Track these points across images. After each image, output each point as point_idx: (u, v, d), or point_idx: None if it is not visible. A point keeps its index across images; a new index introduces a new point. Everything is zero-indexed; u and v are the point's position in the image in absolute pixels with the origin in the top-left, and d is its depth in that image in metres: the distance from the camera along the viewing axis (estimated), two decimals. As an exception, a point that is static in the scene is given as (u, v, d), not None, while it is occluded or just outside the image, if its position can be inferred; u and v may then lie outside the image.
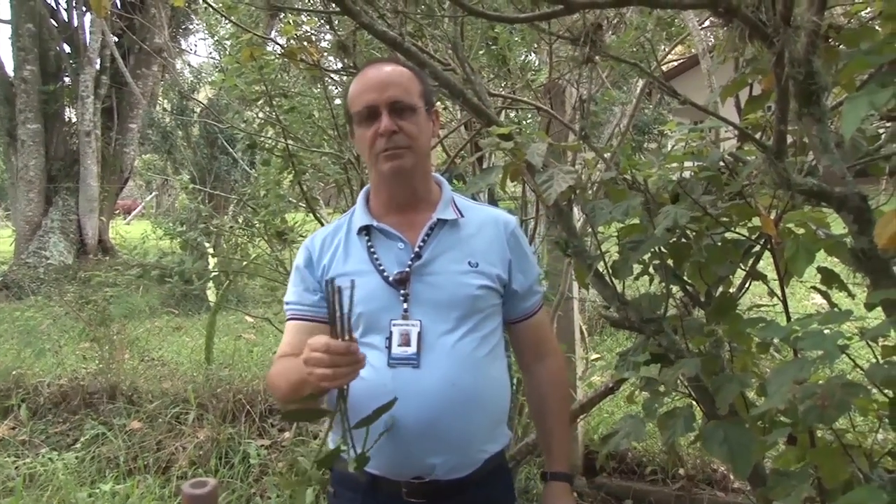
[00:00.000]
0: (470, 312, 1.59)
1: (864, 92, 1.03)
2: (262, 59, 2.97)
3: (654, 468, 3.78)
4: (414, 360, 1.54)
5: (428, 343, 1.55)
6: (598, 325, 5.96)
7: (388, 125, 1.55)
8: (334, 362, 1.32)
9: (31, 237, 11.59)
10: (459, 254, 1.62)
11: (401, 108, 1.57)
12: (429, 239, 1.63)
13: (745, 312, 1.49)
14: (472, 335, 1.58)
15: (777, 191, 1.35)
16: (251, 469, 3.81)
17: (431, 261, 1.61)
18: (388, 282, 1.59)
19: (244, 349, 6.11)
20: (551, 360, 1.78)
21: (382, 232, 1.65)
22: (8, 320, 7.89)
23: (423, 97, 1.62)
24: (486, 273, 1.62)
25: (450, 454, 1.55)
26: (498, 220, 1.72)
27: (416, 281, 1.59)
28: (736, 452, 1.25)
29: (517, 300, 1.71)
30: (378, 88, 1.58)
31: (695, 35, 2.80)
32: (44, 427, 4.46)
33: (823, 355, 1.02)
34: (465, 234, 1.66)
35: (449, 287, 1.59)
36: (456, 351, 1.55)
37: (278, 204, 3.60)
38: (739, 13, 1.17)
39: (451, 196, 1.71)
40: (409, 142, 1.58)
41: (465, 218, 1.68)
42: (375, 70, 1.63)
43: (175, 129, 12.33)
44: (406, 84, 1.60)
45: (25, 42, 11.57)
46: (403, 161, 1.58)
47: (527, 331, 1.76)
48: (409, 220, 1.66)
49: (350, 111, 1.65)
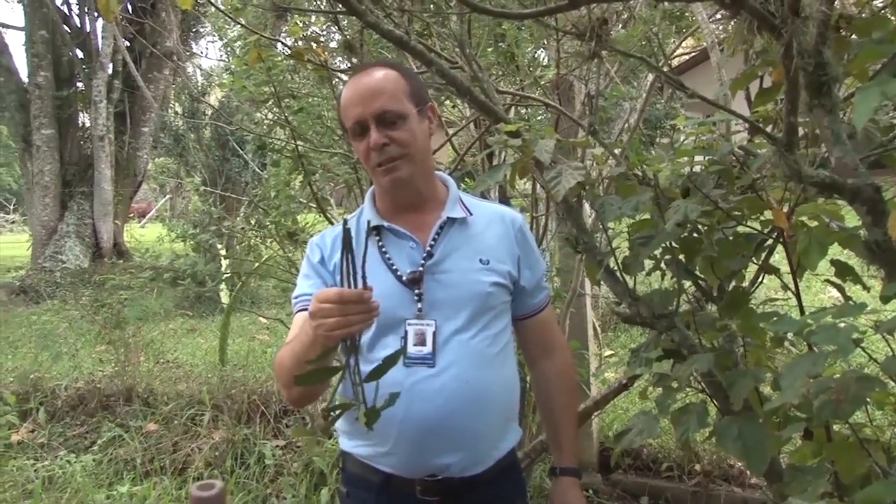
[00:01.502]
0: (482, 310, 1.58)
1: (876, 82, 1.01)
2: (270, 61, 2.97)
3: (670, 464, 3.77)
4: (430, 359, 1.53)
5: (441, 342, 1.54)
6: (612, 321, 5.94)
7: (378, 139, 1.53)
8: (346, 310, 1.25)
9: (48, 241, 11.69)
10: (470, 251, 1.62)
11: (389, 118, 1.54)
12: (439, 238, 1.62)
13: (758, 307, 1.47)
14: (484, 333, 1.58)
15: (789, 183, 1.33)
16: (266, 469, 3.82)
17: (443, 259, 1.60)
18: (401, 281, 1.58)
19: (258, 350, 6.14)
20: (559, 356, 1.79)
21: (393, 232, 1.64)
22: (25, 324, 7.96)
23: (412, 98, 1.59)
24: (497, 270, 1.62)
25: (464, 452, 1.55)
26: (505, 216, 1.71)
27: (430, 280, 1.58)
28: (750, 448, 1.23)
29: (525, 296, 1.70)
30: (364, 101, 1.55)
31: (704, 28, 2.78)
32: (62, 430, 4.50)
33: (837, 349, 1.00)
34: (474, 232, 1.65)
35: (462, 285, 1.58)
36: (469, 349, 1.55)
37: (289, 205, 3.61)
38: (747, 5, 1.16)
39: (458, 194, 1.71)
40: (403, 150, 1.56)
41: (473, 216, 1.68)
42: (360, 80, 1.59)
43: (187, 131, 12.40)
44: (392, 90, 1.56)
45: (39, 48, 11.67)
46: (400, 172, 1.57)
47: (535, 327, 1.76)
48: (417, 219, 1.65)
49: (343, 125, 1.64)
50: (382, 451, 1.57)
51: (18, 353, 6.40)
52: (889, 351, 1.20)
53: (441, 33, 2.82)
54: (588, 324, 3.78)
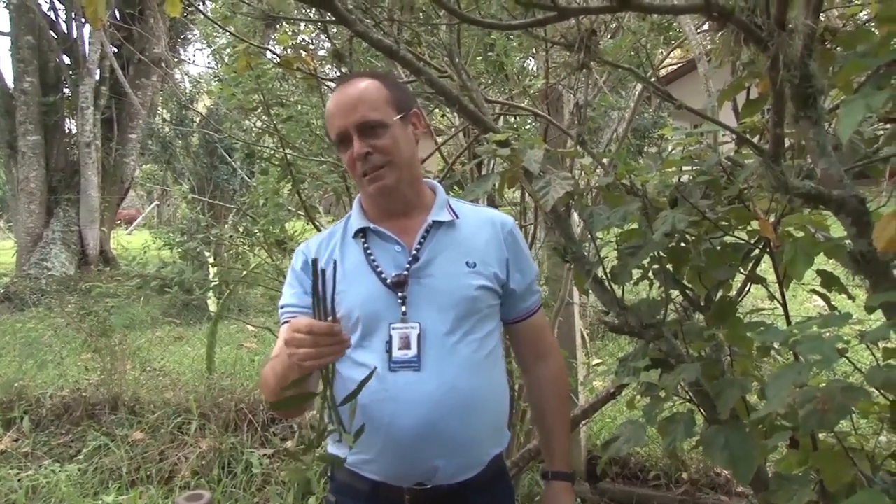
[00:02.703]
0: (468, 313, 1.58)
1: (861, 94, 1.03)
2: (259, 69, 2.97)
3: (657, 473, 3.77)
4: (415, 363, 1.53)
5: (427, 345, 1.54)
6: (600, 330, 5.95)
7: (360, 149, 1.56)
8: (317, 342, 1.29)
9: (33, 248, 11.60)
10: (457, 254, 1.62)
11: (371, 127, 1.56)
12: (425, 241, 1.63)
13: (745, 316, 1.48)
14: (470, 336, 1.58)
15: (775, 194, 1.34)
16: (254, 478, 3.81)
17: (429, 262, 1.61)
18: (385, 284, 1.58)
19: (245, 358, 6.12)
20: (551, 360, 1.78)
21: (378, 234, 1.65)
22: (10, 332, 7.89)
23: (394, 106, 1.61)
24: (483, 273, 1.62)
25: (452, 457, 1.54)
26: (495, 219, 1.72)
27: (414, 283, 1.58)
28: (737, 457, 1.24)
29: (516, 300, 1.70)
30: (345, 113, 1.58)
31: (692, 39, 2.80)
32: (46, 439, 4.46)
33: (822, 359, 1.01)
34: (461, 235, 1.66)
35: (447, 288, 1.59)
36: (455, 352, 1.55)
37: (277, 213, 3.61)
38: (733, 17, 1.17)
39: (445, 199, 1.72)
40: (386, 158, 1.58)
41: (460, 219, 1.68)
42: (343, 92, 1.62)
43: (174, 138, 12.33)
44: (372, 100, 1.58)
45: (25, 54, 11.60)
46: (386, 180, 1.59)
47: (526, 331, 1.76)
48: (404, 224, 1.66)
49: (329, 137, 1.67)
50: (368, 458, 1.57)
51: (3, 361, 6.34)
52: (873, 360, 1.21)
53: (430, 42, 2.83)
54: (576, 332, 3.79)
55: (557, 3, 1.23)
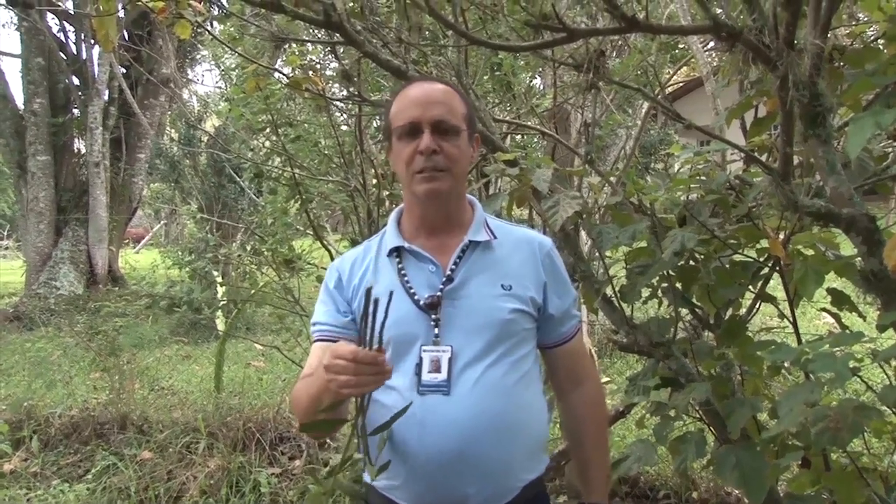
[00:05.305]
0: (502, 337, 1.53)
1: (870, 112, 1.03)
2: (268, 89, 3.00)
3: (667, 492, 3.74)
4: (444, 387, 1.48)
5: (458, 369, 1.50)
6: (608, 348, 5.92)
7: (429, 144, 1.51)
8: (359, 371, 1.26)
9: (42, 268, 11.65)
10: (492, 276, 1.57)
11: (444, 129, 1.53)
12: (461, 262, 1.58)
13: (755, 335, 1.48)
14: (503, 360, 1.53)
15: (785, 212, 1.35)
16: (262, 498, 3.79)
17: (463, 284, 1.56)
18: (418, 305, 1.54)
19: (254, 377, 6.10)
20: (589, 386, 1.71)
21: (413, 254, 1.60)
22: (19, 351, 7.91)
23: (466, 120, 1.58)
24: (519, 296, 1.56)
25: (483, 483, 1.49)
26: (532, 240, 1.66)
27: (448, 305, 1.54)
28: (749, 477, 1.23)
29: (553, 324, 1.65)
30: (423, 105, 1.54)
31: (699, 57, 2.81)
32: (55, 458, 4.45)
33: (834, 377, 1.01)
34: (498, 256, 1.61)
35: (481, 311, 1.54)
36: (486, 377, 1.50)
37: (285, 232, 3.62)
38: (742, 38, 1.18)
39: (483, 217, 1.66)
40: (449, 164, 1.53)
41: (498, 239, 1.63)
42: (423, 87, 1.60)
43: (183, 158, 12.40)
44: (452, 105, 1.56)
45: (35, 75, 11.70)
46: (440, 184, 1.54)
47: (563, 356, 1.70)
48: (441, 242, 1.61)
49: (391, 125, 1.59)
50: (396, 483, 1.52)
51: (12, 380, 6.35)
52: (886, 379, 1.20)
53: (438, 62, 2.85)
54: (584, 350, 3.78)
55: (567, 25, 1.24)
